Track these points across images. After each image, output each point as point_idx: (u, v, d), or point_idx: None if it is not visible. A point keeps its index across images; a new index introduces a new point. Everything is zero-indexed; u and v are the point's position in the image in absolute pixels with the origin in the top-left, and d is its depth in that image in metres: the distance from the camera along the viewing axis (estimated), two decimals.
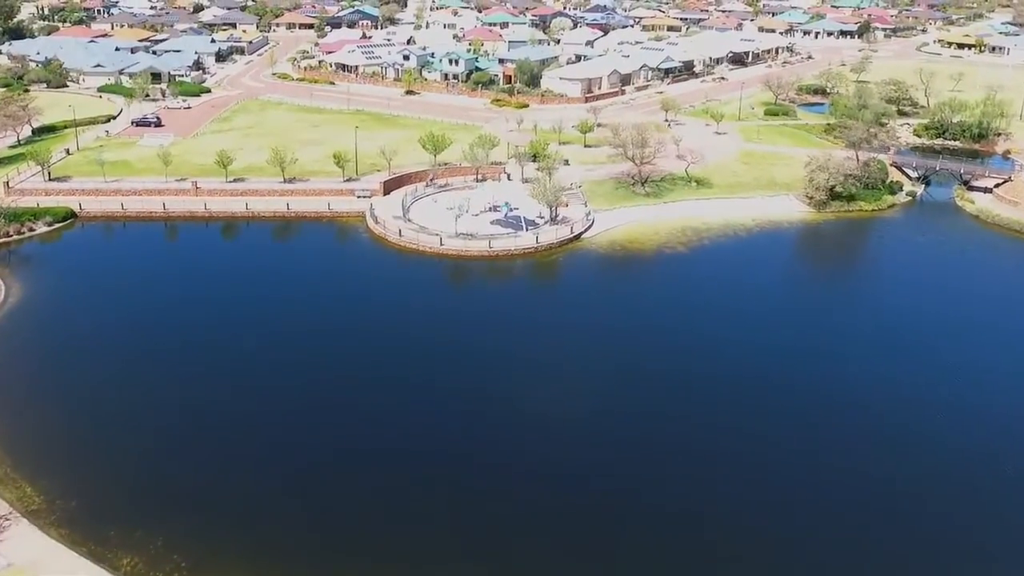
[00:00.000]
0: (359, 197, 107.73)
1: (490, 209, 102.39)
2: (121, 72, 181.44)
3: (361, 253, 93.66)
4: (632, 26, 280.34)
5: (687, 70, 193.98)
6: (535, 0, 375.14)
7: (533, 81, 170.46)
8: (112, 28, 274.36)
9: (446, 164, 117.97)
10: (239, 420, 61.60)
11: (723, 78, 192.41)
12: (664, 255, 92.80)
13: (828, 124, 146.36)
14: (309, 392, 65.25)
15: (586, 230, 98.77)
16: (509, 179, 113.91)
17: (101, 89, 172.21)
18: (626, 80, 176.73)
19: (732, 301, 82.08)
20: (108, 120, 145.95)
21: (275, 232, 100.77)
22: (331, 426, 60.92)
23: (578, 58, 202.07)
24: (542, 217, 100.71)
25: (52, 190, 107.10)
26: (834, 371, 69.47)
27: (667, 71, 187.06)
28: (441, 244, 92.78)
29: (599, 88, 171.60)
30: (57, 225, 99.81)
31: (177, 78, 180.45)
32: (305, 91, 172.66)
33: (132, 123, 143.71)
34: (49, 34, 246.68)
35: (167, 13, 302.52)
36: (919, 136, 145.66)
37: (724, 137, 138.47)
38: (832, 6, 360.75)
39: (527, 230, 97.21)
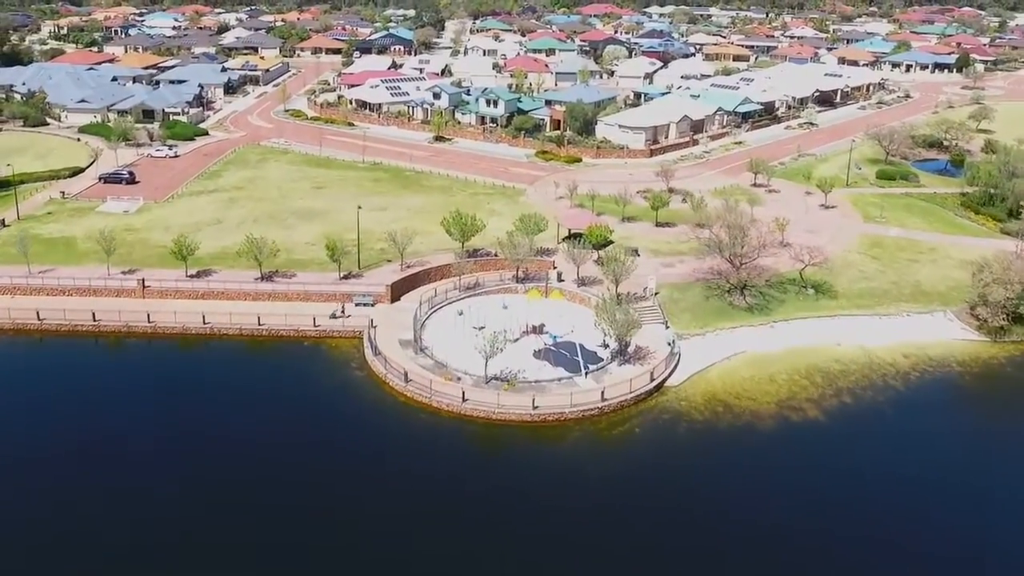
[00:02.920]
0: (357, 305, 79.92)
1: (531, 331, 73.79)
2: (109, 108, 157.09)
3: (349, 409, 65.22)
4: (693, 54, 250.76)
5: (767, 113, 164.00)
6: (583, 23, 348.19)
7: (586, 128, 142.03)
8: (126, 51, 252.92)
9: (477, 253, 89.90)
10: None
11: (812, 124, 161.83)
12: (790, 424, 63.05)
13: (964, 194, 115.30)
14: None
15: (671, 372, 69.63)
16: (560, 279, 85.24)
17: (83, 130, 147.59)
18: (697, 127, 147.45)
19: (905, 521, 52.57)
20: (72, 174, 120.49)
21: (235, 362, 72.95)
22: None
23: (637, 97, 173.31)
24: (606, 346, 71.93)
25: None
26: None
27: (745, 115, 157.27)
28: (464, 399, 64.23)
29: (666, 137, 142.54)
30: None
31: (171, 117, 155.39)
32: (317, 135, 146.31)
33: (99, 179, 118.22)
34: (52, 58, 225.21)
35: (185, 35, 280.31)
36: None
37: (834, 213, 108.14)
38: (912, 31, 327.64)
39: (586, 373, 68.35)
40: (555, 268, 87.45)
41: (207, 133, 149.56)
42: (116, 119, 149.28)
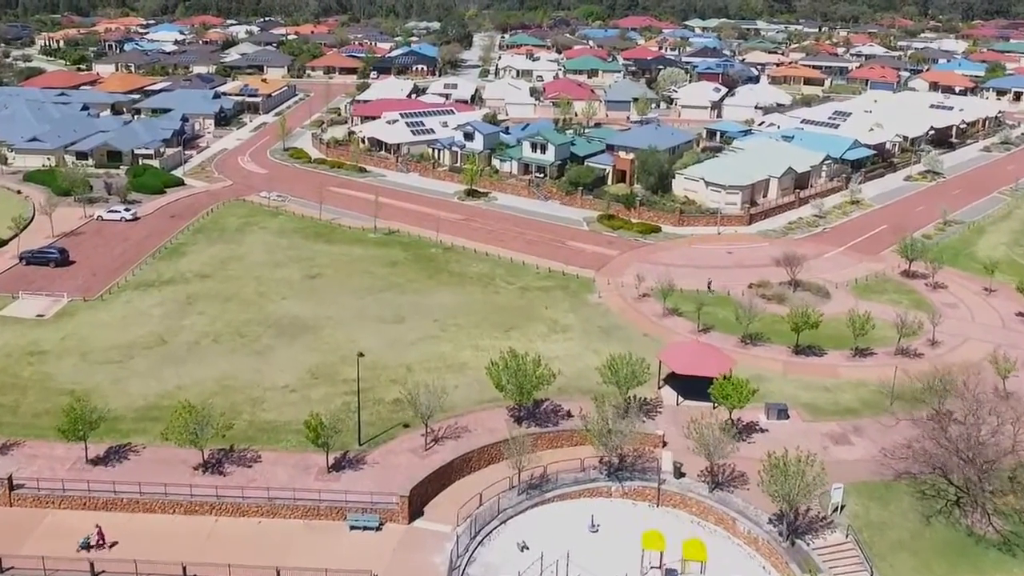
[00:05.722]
0: (353, 528, 48.82)
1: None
2: (67, 149, 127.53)
3: None
4: (757, 77, 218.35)
5: (880, 158, 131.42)
6: (623, 38, 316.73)
7: (661, 183, 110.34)
8: (117, 69, 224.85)
9: (539, 408, 58.40)
10: None
11: (937, 173, 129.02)
12: None
13: None
14: None
15: None
16: (679, 473, 53.57)
17: (28, 178, 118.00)
18: (801, 181, 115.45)
19: None
20: None
21: None
22: None
23: (711, 136, 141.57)
24: None
25: None
26: None
27: (856, 164, 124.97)
28: None
29: (764, 196, 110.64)
30: None
31: (141, 161, 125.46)
32: (320, 186, 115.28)
33: (20, 259, 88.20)
34: (26, 79, 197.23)
35: (185, 52, 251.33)
36: None
37: None
38: (990, 49, 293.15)
39: None
40: (664, 444, 55.97)
41: (182, 182, 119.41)
42: (70, 164, 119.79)
